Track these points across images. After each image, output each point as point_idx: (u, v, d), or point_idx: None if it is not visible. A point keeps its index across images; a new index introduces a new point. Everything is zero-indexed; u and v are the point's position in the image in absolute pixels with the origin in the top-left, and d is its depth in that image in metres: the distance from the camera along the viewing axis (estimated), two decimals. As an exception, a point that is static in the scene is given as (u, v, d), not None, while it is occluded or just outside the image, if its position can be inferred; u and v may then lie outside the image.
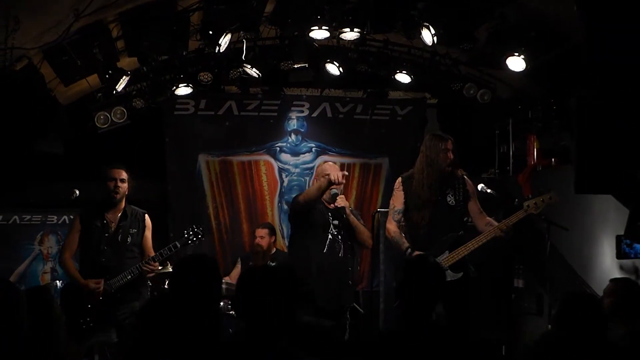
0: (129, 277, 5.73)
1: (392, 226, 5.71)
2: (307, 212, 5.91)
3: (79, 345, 5.52)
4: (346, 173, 5.93)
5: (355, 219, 6.13)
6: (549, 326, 6.04)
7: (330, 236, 5.96)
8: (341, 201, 5.97)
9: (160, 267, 5.95)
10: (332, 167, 6.08)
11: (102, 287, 5.65)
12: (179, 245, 5.92)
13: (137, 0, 6.10)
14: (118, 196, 5.86)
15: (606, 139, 5.25)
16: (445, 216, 5.61)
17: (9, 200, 7.19)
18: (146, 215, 6.07)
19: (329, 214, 6.03)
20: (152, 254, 5.86)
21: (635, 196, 5.06)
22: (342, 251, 5.97)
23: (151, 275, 5.93)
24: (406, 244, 5.57)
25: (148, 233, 6.02)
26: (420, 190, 5.63)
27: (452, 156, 5.66)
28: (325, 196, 5.96)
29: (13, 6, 5.03)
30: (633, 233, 5.38)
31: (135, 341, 2.90)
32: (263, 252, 7.41)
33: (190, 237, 6.03)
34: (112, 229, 5.85)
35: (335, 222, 6.01)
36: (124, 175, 5.89)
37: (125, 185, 5.90)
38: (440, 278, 3.77)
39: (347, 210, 6.02)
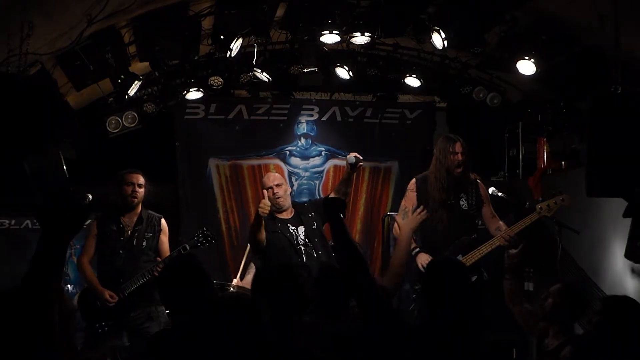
0: (141, 281, 5.79)
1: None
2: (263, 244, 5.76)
3: (94, 350, 5.55)
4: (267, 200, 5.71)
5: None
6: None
7: (302, 247, 5.87)
8: (351, 157, 5.82)
9: None
10: (270, 176, 6.02)
11: (116, 300, 5.70)
12: (188, 248, 5.97)
13: (149, 6, 6.13)
14: (135, 200, 5.96)
15: (618, 141, 5.26)
16: (459, 220, 5.64)
17: (21, 204, 7.21)
18: (162, 220, 6.13)
19: (292, 229, 5.89)
20: None
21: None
22: (314, 252, 5.81)
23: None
24: (413, 244, 5.57)
25: (164, 237, 6.09)
26: (432, 192, 5.65)
27: (460, 157, 5.68)
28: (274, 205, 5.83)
29: (27, 11, 5.06)
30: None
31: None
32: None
33: (200, 240, 6.07)
34: (128, 233, 5.93)
35: (300, 229, 5.90)
36: (142, 180, 6.00)
37: (143, 190, 6.00)
38: (466, 278, 3.78)
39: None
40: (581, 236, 6.41)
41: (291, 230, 5.91)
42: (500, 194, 6.39)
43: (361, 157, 5.77)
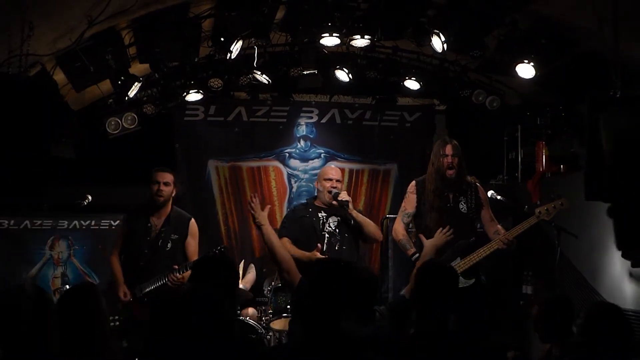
0: (158, 283, 5.78)
1: (400, 228, 5.75)
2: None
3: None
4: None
5: (358, 213, 6.14)
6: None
7: (327, 235, 6.00)
8: (344, 196, 6.00)
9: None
10: (333, 170, 6.24)
11: (129, 298, 5.74)
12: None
13: (150, 7, 6.15)
14: (161, 199, 5.94)
15: (618, 145, 5.27)
16: (457, 223, 5.63)
17: (19, 204, 7.22)
18: (192, 221, 6.11)
19: (322, 216, 6.05)
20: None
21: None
22: (337, 244, 5.99)
23: (177, 285, 5.73)
24: (413, 249, 5.60)
25: (192, 240, 6.07)
26: (428, 195, 5.68)
27: (450, 160, 5.69)
28: (326, 197, 6.01)
29: (27, 12, 5.07)
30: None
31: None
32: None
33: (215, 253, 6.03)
34: (154, 233, 5.93)
35: (333, 219, 6.04)
36: (169, 178, 5.98)
37: (170, 188, 5.98)
38: (455, 283, 3.79)
39: (350, 205, 6.02)
40: (579, 240, 6.41)
41: (320, 216, 6.09)
42: (499, 197, 6.41)
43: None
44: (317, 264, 3.44)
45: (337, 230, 6.07)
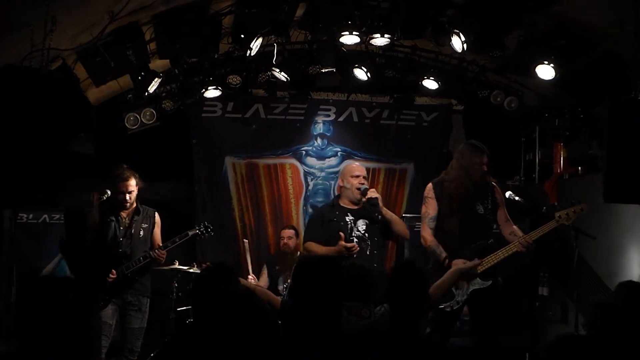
0: (142, 262, 6.30)
1: (427, 234, 5.68)
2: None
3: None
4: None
5: (387, 210, 6.16)
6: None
7: (355, 239, 6.01)
8: (372, 193, 6.01)
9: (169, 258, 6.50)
10: (359, 167, 6.26)
11: (115, 276, 6.24)
12: (189, 234, 6.50)
13: (170, 3, 6.17)
14: (128, 204, 6.42)
15: (637, 147, 5.25)
16: (475, 224, 5.62)
17: (39, 199, 7.26)
18: (156, 213, 6.61)
19: (349, 219, 6.06)
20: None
21: None
22: (368, 249, 6.01)
23: (161, 260, 6.40)
24: (444, 254, 5.54)
25: (157, 230, 6.60)
26: (453, 198, 5.63)
27: (485, 169, 5.67)
28: (355, 194, 6.02)
29: (50, 7, 5.10)
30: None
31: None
32: (290, 253, 7.45)
33: (200, 229, 6.61)
34: (127, 223, 6.39)
35: (361, 222, 6.05)
36: (132, 186, 6.39)
37: (134, 193, 6.42)
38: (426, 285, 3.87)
39: (380, 202, 6.03)
40: (597, 242, 6.38)
41: (347, 220, 6.09)
42: (517, 198, 6.39)
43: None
44: (301, 263, 3.44)
45: (367, 234, 6.07)
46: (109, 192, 6.41)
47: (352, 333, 3.98)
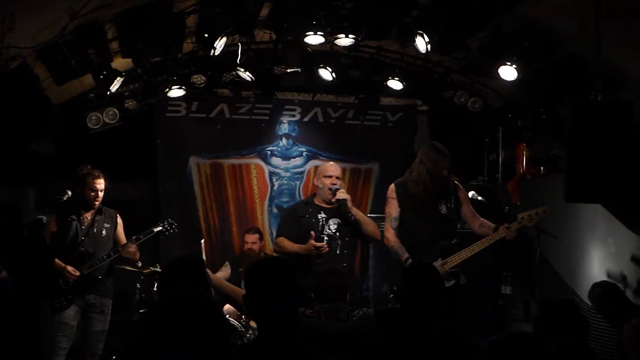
0: (105, 259, 6.26)
1: (390, 235, 5.70)
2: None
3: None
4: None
5: (358, 211, 6.15)
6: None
7: (326, 237, 6.00)
8: (342, 194, 5.99)
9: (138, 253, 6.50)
10: (333, 167, 6.24)
11: (78, 274, 6.13)
12: (154, 231, 6.51)
13: (133, 1, 6.10)
14: (97, 203, 6.36)
15: (597, 147, 5.33)
16: (438, 224, 5.64)
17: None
18: (117, 214, 6.58)
19: (321, 217, 6.06)
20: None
21: None
22: (339, 248, 6.00)
23: (132, 254, 6.42)
24: (406, 254, 5.56)
25: (120, 229, 6.55)
26: (416, 198, 5.65)
27: (446, 173, 5.69)
28: (327, 194, 6.01)
29: (10, 4, 5.02)
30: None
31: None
32: (255, 256, 7.43)
33: (165, 226, 6.62)
34: (88, 223, 6.32)
35: (333, 221, 6.04)
36: (103, 184, 6.34)
37: (103, 192, 6.37)
38: (441, 284, 3.80)
39: (349, 203, 6.02)
40: (558, 241, 6.47)
41: (319, 218, 6.07)
42: (479, 197, 6.45)
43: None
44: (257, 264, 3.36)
45: (338, 233, 6.05)
46: (69, 193, 6.31)
47: (329, 336, 3.97)
